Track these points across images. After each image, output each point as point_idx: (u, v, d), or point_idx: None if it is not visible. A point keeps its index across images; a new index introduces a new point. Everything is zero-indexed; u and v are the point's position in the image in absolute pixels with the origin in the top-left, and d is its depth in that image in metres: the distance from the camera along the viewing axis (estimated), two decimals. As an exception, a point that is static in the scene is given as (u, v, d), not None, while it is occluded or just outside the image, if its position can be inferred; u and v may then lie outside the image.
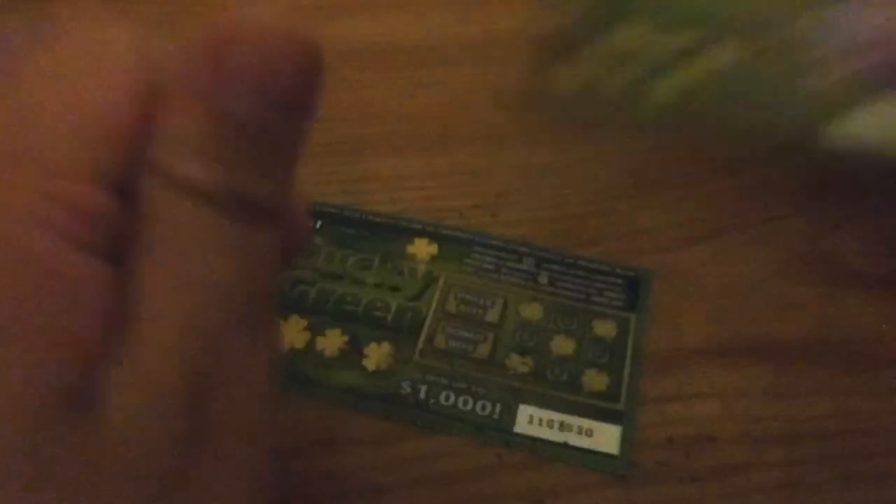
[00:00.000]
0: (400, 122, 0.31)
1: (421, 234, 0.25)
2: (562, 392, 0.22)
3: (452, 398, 0.22)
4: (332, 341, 0.23)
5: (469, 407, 0.22)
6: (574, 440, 0.21)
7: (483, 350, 0.23)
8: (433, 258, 0.25)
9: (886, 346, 0.23)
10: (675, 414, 0.22)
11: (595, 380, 0.22)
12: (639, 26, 0.24)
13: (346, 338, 0.23)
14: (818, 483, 0.20)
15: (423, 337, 0.23)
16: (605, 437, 0.21)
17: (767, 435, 0.21)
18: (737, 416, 0.22)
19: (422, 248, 0.26)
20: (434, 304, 0.24)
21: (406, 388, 0.22)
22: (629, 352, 0.23)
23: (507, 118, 0.31)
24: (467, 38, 0.34)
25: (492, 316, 0.24)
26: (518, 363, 0.23)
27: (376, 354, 0.23)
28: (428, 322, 0.24)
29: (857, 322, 0.24)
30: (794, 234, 0.26)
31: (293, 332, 0.23)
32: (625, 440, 0.21)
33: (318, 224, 0.26)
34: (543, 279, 0.25)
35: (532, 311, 0.24)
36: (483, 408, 0.22)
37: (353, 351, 0.23)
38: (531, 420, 0.21)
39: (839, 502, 0.20)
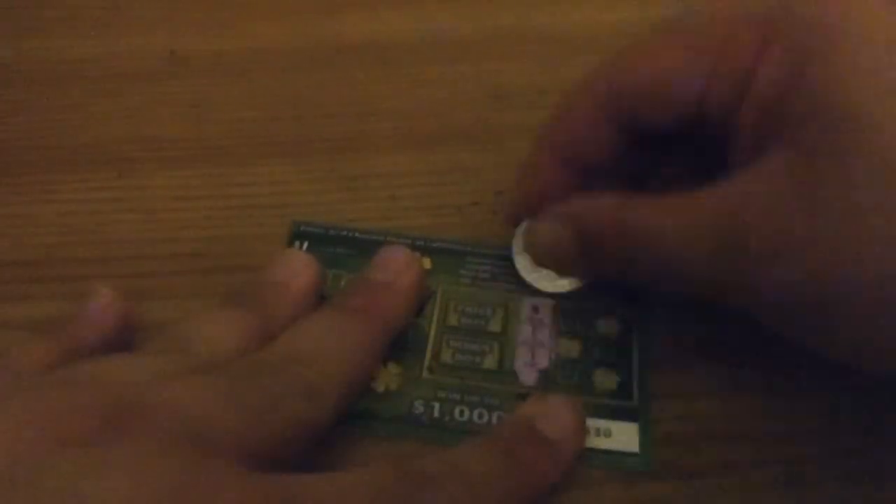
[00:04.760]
0: (399, 118, 0.31)
1: (412, 248, 0.25)
2: (574, 395, 0.22)
3: (467, 413, 0.22)
4: (337, 367, 0.23)
5: (485, 420, 0.22)
6: (593, 442, 0.21)
7: (490, 361, 0.23)
8: (427, 273, 0.25)
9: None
10: (675, 411, 0.22)
11: (605, 379, 0.23)
12: None
13: (350, 362, 0.23)
14: (817, 481, 0.21)
15: (428, 354, 0.23)
16: (624, 436, 0.21)
17: (767, 432, 0.22)
18: (736, 414, 0.22)
19: (415, 263, 0.25)
20: (434, 320, 0.24)
21: (419, 408, 0.22)
22: (635, 347, 0.23)
23: (507, 115, 0.31)
24: (466, 34, 0.34)
25: (494, 325, 0.24)
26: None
27: (384, 375, 0.23)
28: (431, 338, 0.23)
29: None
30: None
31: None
32: (644, 437, 0.21)
33: (305, 245, 0.26)
34: (539, 282, 0.25)
35: (531, 316, 0.24)
36: (500, 419, 0.22)
37: (360, 375, 0.22)
38: (549, 427, 0.21)
39: (838, 500, 0.21)
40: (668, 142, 0.22)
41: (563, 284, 0.24)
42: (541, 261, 0.24)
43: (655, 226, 0.20)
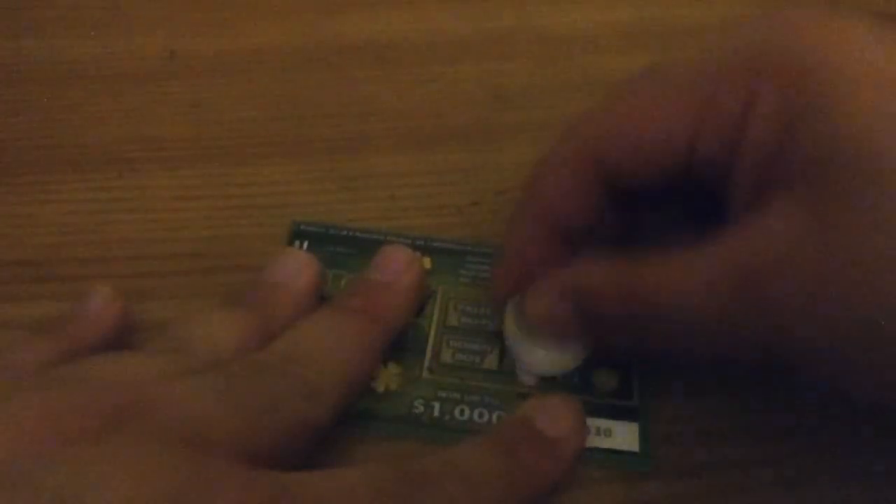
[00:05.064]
0: (399, 118, 0.31)
1: (412, 248, 0.25)
2: (574, 395, 0.22)
3: (467, 412, 0.22)
4: (337, 367, 0.23)
5: (485, 419, 0.22)
6: (594, 441, 0.21)
7: (490, 361, 0.23)
8: (427, 272, 0.25)
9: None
10: (675, 409, 0.22)
11: (606, 378, 0.23)
12: None
13: (350, 362, 0.23)
14: (817, 479, 0.21)
15: (428, 353, 0.23)
16: (624, 436, 0.21)
17: (767, 430, 0.22)
18: (736, 413, 0.22)
19: (415, 263, 0.25)
20: (435, 320, 0.24)
21: (419, 407, 0.22)
22: (635, 347, 0.23)
23: (507, 115, 0.31)
24: (466, 34, 0.34)
25: (495, 325, 0.24)
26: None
27: (384, 375, 0.23)
28: (432, 338, 0.24)
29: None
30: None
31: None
32: (644, 436, 0.21)
33: (305, 245, 0.26)
34: (537, 282, 0.25)
35: (531, 316, 0.24)
36: (499, 419, 0.22)
37: (360, 374, 0.22)
38: (549, 426, 0.21)
39: (837, 500, 0.21)
40: (655, 194, 0.21)
41: (566, 362, 0.22)
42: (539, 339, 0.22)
43: (665, 287, 0.18)
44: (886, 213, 0.16)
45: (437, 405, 0.22)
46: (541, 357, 0.22)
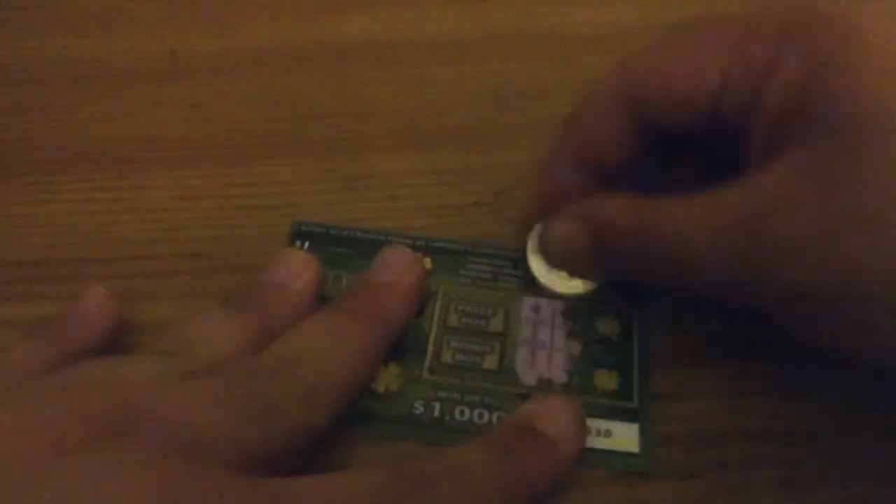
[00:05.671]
0: (400, 118, 0.31)
1: (413, 248, 0.25)
2: (574, 395, 0.22)
3: (467, 413, 0.22)
4: (337, 367, 0.23)
5: (485, 420, 0.22)
6: (594, 442, 0.21)
7: (491, 361, 0.23)
8: (428, 273, 0.25)
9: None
10: (675, 411, 0.22)
11: (606, 379, 0.23)
12: None
13: (351, 362, 0.23)
14: (816, 481, 0.21)
15: (429, 354, 0.23)
16: (624, 436, 0.21)
17: (766, 432, 0.22)
18: (736, 414, 0.22)
19: (415, 263, 0.25)
20: (435, 320, 0.24)
21: (419, 408, 0.22)
22: (636, 348, 0.23)
23: (507, 115, 0.31)
24: (467, 34, 0.34)
25: (495, 326, 0.24)
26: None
27: (384, 376, 0.23)
28: (432, 338, 0.24)
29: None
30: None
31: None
32: (644, 437, 0.21)
33: (305, 245, 0.26)
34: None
35: (531, 316, 0.24)
36: (500, 419, 0.22)
37: (361, 375, 0.22)
38: (549, 427, 0.21)
39: (837, 500, 0.21)
40: (682, 142, 0.22)
41: (577, 286, 0.24)
42: (554, 261, 0.24)
43: (673, 226, 0.20)
44: (883, 172, 0.16)
45: (437, 405, 0.22)
46: (556, 277, 0.24)
